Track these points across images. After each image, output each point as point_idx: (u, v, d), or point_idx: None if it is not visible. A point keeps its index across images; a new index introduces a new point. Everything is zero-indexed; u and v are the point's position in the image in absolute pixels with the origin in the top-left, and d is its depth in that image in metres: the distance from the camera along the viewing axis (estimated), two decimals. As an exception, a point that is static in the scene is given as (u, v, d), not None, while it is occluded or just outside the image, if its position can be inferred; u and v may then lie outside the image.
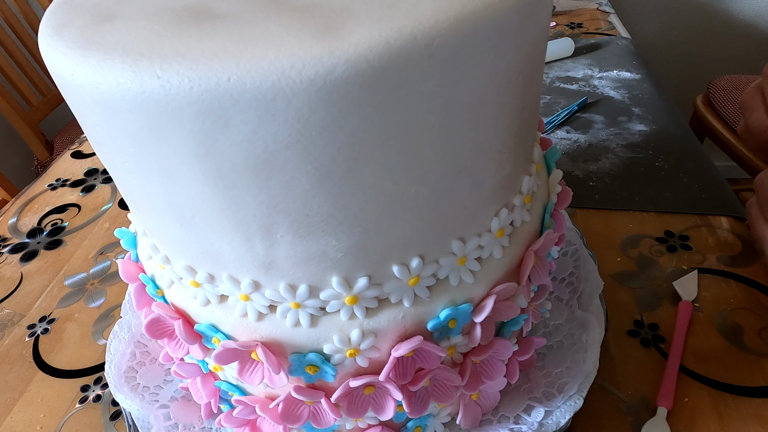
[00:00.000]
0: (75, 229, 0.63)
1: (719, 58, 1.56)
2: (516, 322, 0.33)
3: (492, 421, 0.37)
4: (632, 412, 0.39)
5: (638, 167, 0.61)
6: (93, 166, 0.72)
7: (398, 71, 0.19)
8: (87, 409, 0.44)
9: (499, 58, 0.22)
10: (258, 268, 0.25)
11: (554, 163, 0.35)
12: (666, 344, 0.43)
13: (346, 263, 0.25)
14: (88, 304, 0.53)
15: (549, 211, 0.32)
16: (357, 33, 0.19)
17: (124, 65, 0.20)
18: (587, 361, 0.38)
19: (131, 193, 0.27)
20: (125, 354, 0.42)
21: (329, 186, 0.22)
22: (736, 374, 0.41)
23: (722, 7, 1.48)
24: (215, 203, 0.23)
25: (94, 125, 0.23)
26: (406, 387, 0.30)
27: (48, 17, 0.24)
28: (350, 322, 0.27)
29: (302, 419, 0.30)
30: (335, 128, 0.20)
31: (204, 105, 0.19)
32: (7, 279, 0.57)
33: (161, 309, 0.29)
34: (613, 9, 1.00)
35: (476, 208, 0.27)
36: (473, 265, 0.28)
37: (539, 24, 0.24)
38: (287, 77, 0.19)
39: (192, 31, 0.21)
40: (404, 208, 0.24)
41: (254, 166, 0.21)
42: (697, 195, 0.56)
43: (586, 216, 0.55)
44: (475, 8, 0.20)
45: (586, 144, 0.65)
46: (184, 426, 0.38)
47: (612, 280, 0.49)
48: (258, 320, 0.27)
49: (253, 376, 0.28)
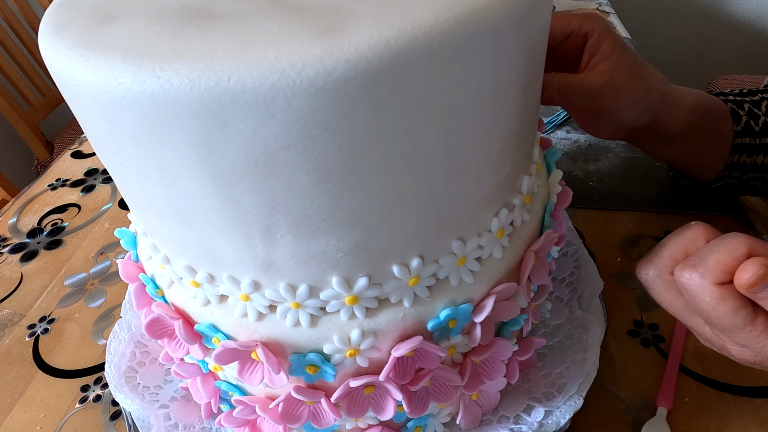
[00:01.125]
0: (75, 229, 0.62)
1: (719, 58, 1.56)
2: (516, 322, 0.33)
3: (492, 421, 0.37)
4: (632, 412, 0.39)
5: (638, 167, 0.61)
6: (93, 166, 0.72)
7: (398, 71, 0.19)
8: (87, 409, 0.44)
9: (499, 58, 0.22)
10: (258, 268, 0.25)
11: (554, 163, 0.35)
12: (666, 344, 0.43)
13: (346, 263, 0.25)
14: (88, 304, 0.53)
15: (549, 211, 0.32)
16: (357, 33, 0.19)
17: (124, 65, 0.20)
18: (587, 361, 0.38)
19: (131, 193, 0.27)
20: (125, 354, 0.42)
21: (329, 186, 0.22)
22: (736, 374, 0.41)
23: (722, 7, 1.48)
24: (215, 203, 0.23)
25: (94, 125, 0.23)
26: (406, 387, 0.30)
27: (48, 17, 0.24)
28: (350, 322, 0.27)
29: (302, 419, 0.30)
30: (335, 128, 0.20)
31: (204, 105, 0.19)
32: (7, 279, 0.57)
33: (161, 309, 0.29)
34: (613, 9, 1.00)
35: (476, 208, 0.27)
36: (473, 265, 0.28)
37: (539, 24, 0.24)
38: (287, 77, 0.19)
39: (192, 31, 0.21)
40: (404, 208, 0.24)
41: (254, 166, 0.21)
42: (697, 195, 0.56)
43: (586, 216, 0.55)
44: (475, 8, 0.20)
45: (586, 144, 0.65)
46: (184, 426, 0.38)
47: (612, 280, 0.48)
48: (258, 320, 0.27)
49: (253, 376, 0.28)
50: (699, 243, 0.29)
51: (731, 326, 0.27)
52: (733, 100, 0.49)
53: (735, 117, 0.48)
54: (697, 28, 1.52)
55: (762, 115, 0.48)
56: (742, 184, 0.50)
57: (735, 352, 0.29)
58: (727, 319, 0.27)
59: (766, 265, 0.26)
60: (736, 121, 0.48)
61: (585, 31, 0.43)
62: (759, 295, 0.26)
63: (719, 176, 0.50)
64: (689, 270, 0.28)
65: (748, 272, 0.26)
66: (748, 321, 0.27)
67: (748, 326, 0.27)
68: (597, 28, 0.43)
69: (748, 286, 0.26)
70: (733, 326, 0.27)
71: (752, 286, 0.26)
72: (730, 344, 0.29)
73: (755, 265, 0.26)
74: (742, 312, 0.27)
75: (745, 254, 0.27)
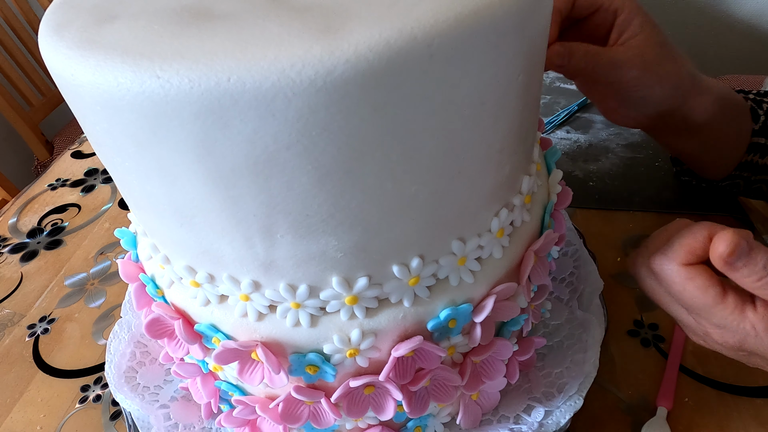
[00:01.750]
0: (75, 229, 0.63)
1: (719, 58, 1.56)
2: (516, 322, 0.33)
3: (492, 421, 0.37)
4: (632, 412, 0.39)
5: (638, 167, 0.61)
6: (93, 166, 0.72)
7: (398, 71, 0.19)
8: (87, 409, 0.44)
9: (499, 58, 0.22)
10: (258, 268, 0.25)
11: (554, 163, 0.35)
12: (666, 344, 0.43)
13: (346, 263, 0.25)
14: (88, 304, 0.53)
15: (549, 211, 0.32)
16: (357, 33, 0.19)
17: (124, 65, 0.20)
18: (587, 361, 0.38)
19: (131, 193, 0.27)
20: (125, 354, 0.42)
21: (329, 186, 0.22)
22: (736, 374, 0.41)
23: (722, 7, 1.48)
24: (215, 203, 0.23)
25: (94, 125, 0.23)
26: (406, 387, 0.30)
27: (48, 17, 0.24)
28: (350, 322, 0.27)
29: (302, 419, 0.30)
30: (335, 128, 0.20)
31: (204, 105, 0.19)
32: (7, 279, 0.57)
33: (161, 309, 0.29)
34: (613, 9, 1.00)
35: (476, 208, 0.27)
36: (473, 265, 0.28)
37: (539, 24, 0.24)
38: (287, 77, 0.19)
39: (192, 31, 0.21)
40: (404, 208, 0.24)
41: (254, 166, 0.21)
42: (697, 195, 0.56)
43: (586, 216, 0.55)
44: (475, 8, 0.20)
45: (586, 144, 0.65)
46: (184, 426, 0.38)
47: (612, 280, 0.48)
48: (258, 320, 0.27)
49: (253, 376, 0.28)
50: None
51: (703, 305, 0.28)
52: (753, 99, 0.48)
53: (754, 115, 0.47)
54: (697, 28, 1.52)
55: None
56: (748, 185, 0.50)
57: (717, 337, 0.30)
58: (697, 297, 0.28)
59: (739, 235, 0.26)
60: (754, 120, 0.47)
61: (615, 8, 0.42)
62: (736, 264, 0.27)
63: (728, 175, 0.50)
64: (659, 257, 0.30)
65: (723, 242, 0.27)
66: (718, 299, 0.28)
67: (719, 304, 0.28)
68: (628, 5, 0.41)
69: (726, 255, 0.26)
70: (704, 305, 0.28)
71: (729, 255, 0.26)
72: (710, 328, 0.30)
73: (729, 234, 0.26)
74: (711, 291, 0.28)
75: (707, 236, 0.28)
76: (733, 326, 0.28)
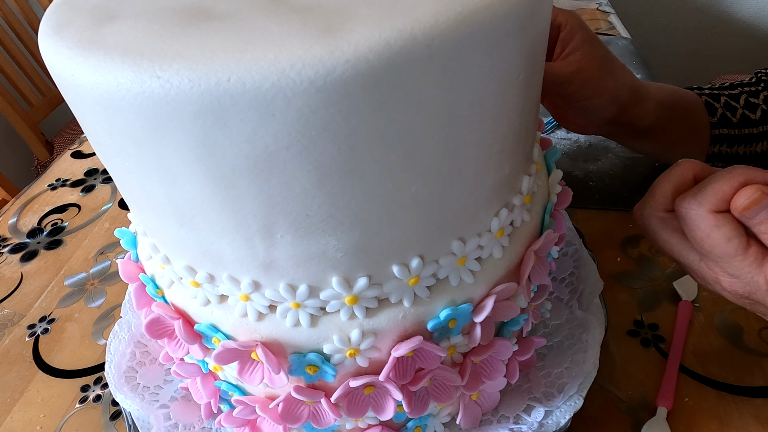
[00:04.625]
0: (75, 229, 0.63)
1: (719, 58, 1.56)
2: (516, 322, 0.33)
3: (492, 421, 0.37)
4: (632, 412, 0.39)
5: (638, 167, 0.60)
6: (93, 166, 0.72)
7: (398, 71, 0.19)
8: (87, 409, 0.44)
9: (499, 58, 0.22)
10: (258, 268, 0.25)
11: (554, 163, 0.35)
12: (666, 344, 0.43)
13: (346, 263, 0.25)
14: (88, 304, 0.53)
15: (549, 211, 0.32)
16: (357, 33, 0.19)
17: (124, 65, 0.20)
18: (587, 361, 0.38)
19: (131, 193, 0.27)
20: (125, 354, 0.42)
21: (329, 186, 0.22)
22: (736, 374, 0.41)
23: (722, 7, 1.48)
24: (215, 203, 0.23)
25: (94, 125, 0.23)
26: (406, 387, 0.30)
27: (48, 17, 0.24)
28: (350, 322, 0.27)
29: (302, 419, 0.30)
30: (335, 128, 0.20)
31: (204, 105, 0.19)
32: (7, 279, 0.57)
33: (161, 309, 0.29)
34: (613, 9, 1.00)
35: (476, 208, 0.27)
36: (473, 265, 0.28)
37: (539, 24, 0.24)
38: (287, 77, 0.19)
39: (192, 31, 0.21)
40: (404, 208, 0.24)
41: (254, 166, 0.21)
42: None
43: (586, 216, 0.55)
44: (475, 8, 0.20)
45: (586, 144, 0.65)
46: (184, 426, 0.38)
47: (612, 280, 0.48)
48: (258, 320, 0.27)
49: (253, 376, 0.28)
50: (687, 178, 0.31)
51: (724, 254, 0.28)
52: (708, 94, 0.50)
53: (710, 109, 0.49)
54: (697, 28, 1.52)
55: (740, 108, 0.49)
56: None
57: (726, 284, 0.30)
58: (720, 246, 0.28)
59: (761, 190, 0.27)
60: (711, 113, 0.49)
61: (558, 23, 0.44)
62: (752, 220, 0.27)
63: None
64: (688, 199, 0.29)
65: (743, 196, 0.27)
66: (740, 250, 0.28)
67: (740, 255, 0.28)
68: (570, 21, 0.44)
69: (742, 209, 0.27)
70: (725, 254, 0.28)
71: (746, 209, 0.27)
72: (722, 275, 0.30)
73: (751, 190, 0.27)
74: (735, 241, 0.28)
75: (743, 183, 0.28)
76: (747, 278, 0.28)
